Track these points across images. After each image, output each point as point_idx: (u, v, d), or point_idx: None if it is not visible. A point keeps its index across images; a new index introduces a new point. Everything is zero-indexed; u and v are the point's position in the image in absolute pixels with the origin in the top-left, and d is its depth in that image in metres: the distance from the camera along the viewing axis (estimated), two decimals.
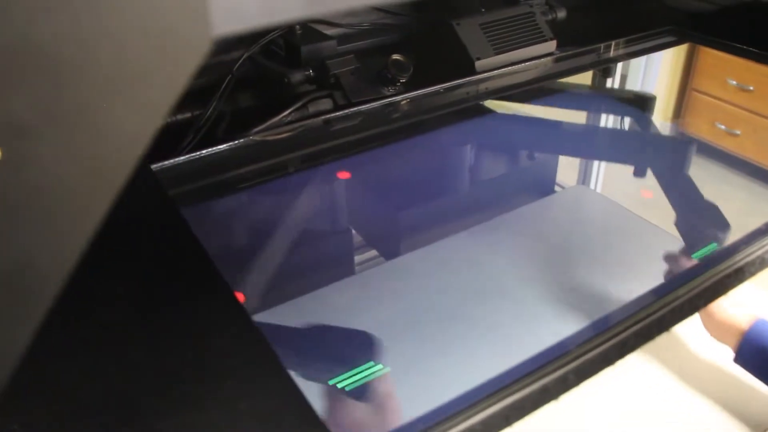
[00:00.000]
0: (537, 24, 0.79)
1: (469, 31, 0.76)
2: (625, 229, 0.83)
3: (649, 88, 1.43)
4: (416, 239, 0.69)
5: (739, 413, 0.81)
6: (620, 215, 0.82)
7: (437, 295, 0.63)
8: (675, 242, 0.82)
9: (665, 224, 0.88)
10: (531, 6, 0.80)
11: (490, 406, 0.36)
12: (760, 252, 0.47)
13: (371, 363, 0.45)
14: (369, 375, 0.44)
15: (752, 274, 0.47)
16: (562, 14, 0.85)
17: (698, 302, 0.43)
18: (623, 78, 1.43)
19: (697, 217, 0.80)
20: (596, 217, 0.83)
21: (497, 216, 0.73)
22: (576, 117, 0.96)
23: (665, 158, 0.90)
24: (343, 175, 0.72)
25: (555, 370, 0.37)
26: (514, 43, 0.78)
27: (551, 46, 0.80)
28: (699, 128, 1.72)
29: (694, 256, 0.64)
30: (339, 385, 0.36)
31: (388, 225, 0.71)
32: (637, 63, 1.43)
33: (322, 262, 0.66)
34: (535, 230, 0.77)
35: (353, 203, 0.71)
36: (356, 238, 0.68)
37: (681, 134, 1.68)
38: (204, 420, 0.35)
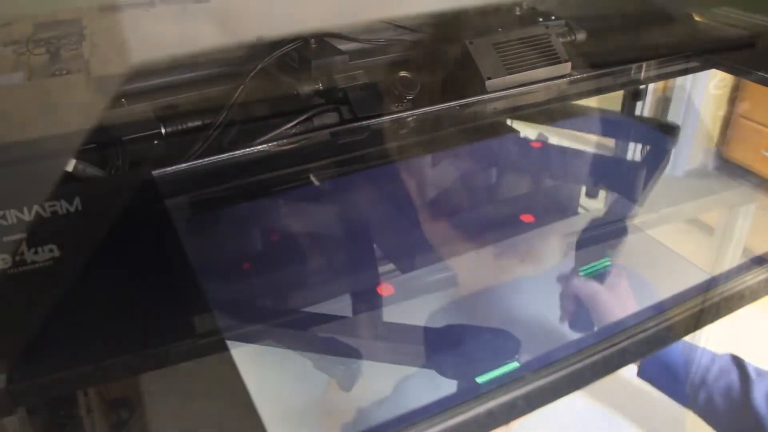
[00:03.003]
0: (552, 45, 0.79)
1: (482, 50, 0.77)
2: (639, 254, 0.82)
3: (692, 112, 1.39)
4: (416, 259, 0.70)
5: (647, 425, 0.79)
6: (640, 240, 0.81)
7: (430, 314, 0.64)
8: (691, 269, 0.80)
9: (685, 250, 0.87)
10: (547, 27, 0.80)
11: (433, 425, 0.37)
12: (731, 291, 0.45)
13: None
14: None
15: (731, 310, 0.46)
16: (581, 36, 0.85)
17: (665, 336, 0.42)
18: (667, 101, 1.39)
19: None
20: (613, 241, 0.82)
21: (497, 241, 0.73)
22: (594, 140, 0.95)
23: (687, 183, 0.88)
24: (345, 191, 0.73)
25: (503, 395, 0.38)
26: (527, 64, 0.77)
27: (565, 68, 0.79)
28: (744, 155, 1.67)
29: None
30: None
31: (390, 243, 0.72)
32: (682, 86, 1.39)
33: (320, 277, 0.67)
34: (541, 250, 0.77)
35: (353, 219, 0.72)
36: (356, 253, 0.69)
37: (723, 161, 1.63)
38: (154, 413, 0.36)
